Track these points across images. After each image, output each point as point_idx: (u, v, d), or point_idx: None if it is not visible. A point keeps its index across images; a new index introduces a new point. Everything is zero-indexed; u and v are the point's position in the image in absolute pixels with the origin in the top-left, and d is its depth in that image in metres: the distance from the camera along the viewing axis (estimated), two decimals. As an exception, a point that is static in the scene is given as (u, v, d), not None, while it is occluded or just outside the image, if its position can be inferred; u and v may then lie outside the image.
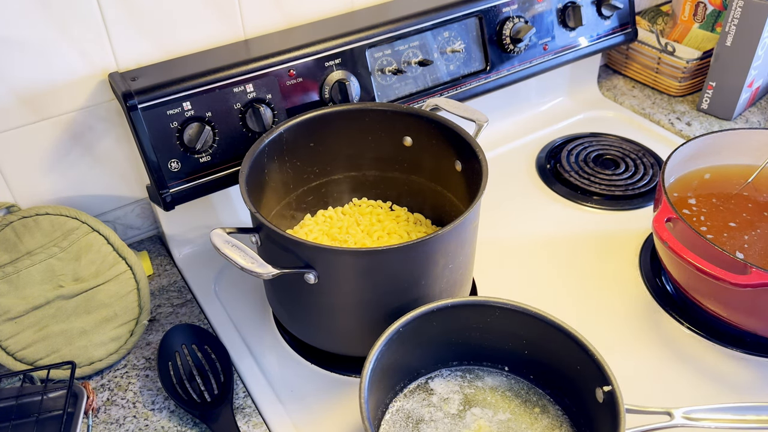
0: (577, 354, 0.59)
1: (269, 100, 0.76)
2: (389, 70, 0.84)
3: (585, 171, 0.98)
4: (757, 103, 1.13)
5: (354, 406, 0.68)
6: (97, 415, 0.68)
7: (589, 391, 0.58)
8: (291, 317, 0.71)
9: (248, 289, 0.81)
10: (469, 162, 0.70)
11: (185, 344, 0.72)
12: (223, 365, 0.71)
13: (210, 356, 0.72)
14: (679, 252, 0.66)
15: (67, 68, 0.72)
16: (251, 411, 0.68)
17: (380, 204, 0.84)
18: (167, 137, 0.72)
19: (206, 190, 0.76)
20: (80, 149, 0.78)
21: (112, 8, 0.72)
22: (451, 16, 0.86)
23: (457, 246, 0.65)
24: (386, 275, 0.63)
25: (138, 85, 0.70)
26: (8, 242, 0.69)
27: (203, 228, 0.87)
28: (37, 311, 0.69)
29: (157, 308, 0.80)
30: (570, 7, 0.97)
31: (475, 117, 0.74)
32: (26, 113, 0.72)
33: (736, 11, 0.98)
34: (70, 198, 0.80)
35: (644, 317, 0.77)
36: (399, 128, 0.77)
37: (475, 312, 0.64)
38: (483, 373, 0.67)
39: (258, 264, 0.59)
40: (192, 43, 0.78)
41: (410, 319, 0.61)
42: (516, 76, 0.95)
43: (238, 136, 0.76)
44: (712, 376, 0.70)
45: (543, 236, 0.88)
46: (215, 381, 0.69)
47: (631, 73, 1.20)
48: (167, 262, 0.87)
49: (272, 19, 0.83)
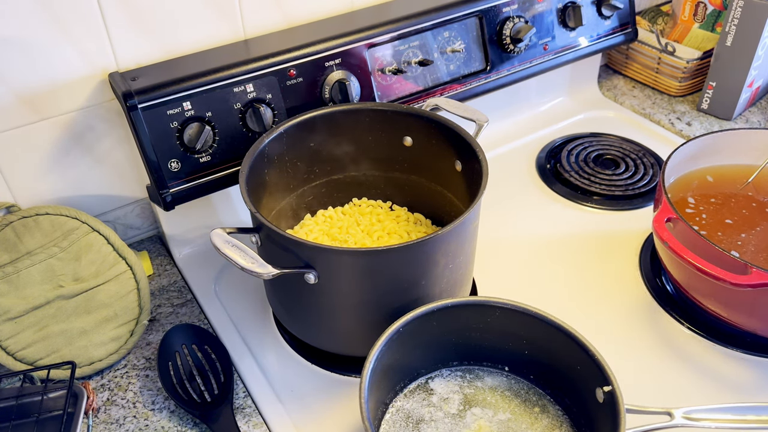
0: (578, 354, 0.59)
1: (269, 100, 0.76)
2: (389, 70, 0.84)
3: (585, 171, 0.98)
4: (757, 103, 1.13)
5: (354, 406, 0.68)
6: (97, 415, 0.68)
7: (590, 391, 0.58)
8: (291, 317, 0.71)
9: (248, 289, 0.81)
10: (470, 162, 0.70)
11: (185, 344, 0.72)
12: (223, 365, 0.71)
13: (210, 356, 0.72)
14: (679, 252, 0.66)
15: (67, 68, 0.72)
16: (251, 411, 0.68)
17: (380, 204, 0.84)
18: (167, 137, 0.72)
19: (206, 190, 0.76)
20: (80, 149, 0.78)
21: (112, 8, 0.72)
22: (451, 16, 0.86)
23: (457, 246, 0.65)
24: (386, 275, 0.63)
25: (138, 85, 0.70)
26: (8, 242, 0.69)
27: (203, 228, 0.87)
28: (37, 311, 0.69)
29: (157, 308, 0.80)
30: (570, 7, 0.97)
31: (475, 117, 0.74)
32: (26, 113, 0.72)
33: (736, 11, 0.98)
34: (70, 198, 0.80)
35: (644, 317, 0.77)
36: (399, 128, 0.77)
37: (475, 312, 0.64)
38: (483, 373, 0.67)
39: (258, 264, 0.59)
40: (192, 43, 0.78)
41: (410, 319, 0.61)
42: (516, 76, 0.95)
43: (238, 136, 0.76)
44: (712, 376, 0.70)
45: (543, 236, 0.88)
46: (215, 381, 0.69)
47: (631, 73, 1.20)
48: (167, 262, 0.87)
49: (272, 19, 0.83)
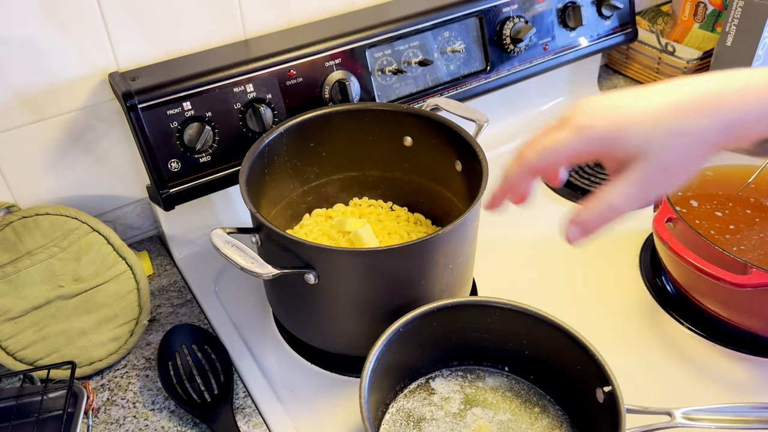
0: (578, 354, 0.59)
1: (269, 100, 0.76)
2: (389, 70, 0.84)
3: (585, 171, 0.98)
4: (757, 103, 1.13)
5: (354, 406, 0.68)
6: (97, 415, 0.68)
7: (590, 391, 0.58)
8: (291, 317, 0.71)
9: (248, 289, 0.81)
10: (470, 162, 0.70)
11: (185, 344, 0.72)
12: (222, 365, 0.71)
13: (210, 356, 0.72)
14: (679, 252, 0.66)
15: (67, 68, 0.72)
16: (251, 411, 0.68)
17: (380, 204, 0.84)
18: (167, 137, 0.72)
19: (206, 190, 0.76)
20: (80, 149, 0.78)
21: (112, 8, 0.72)
22: (452, 16, 0.86)
23: (457, 246, 0.65)
24: (386, 275, 0.63)
25: (138, 85, 0.70)
26: (8, 242, 0.69)
27: (203, 228, 0.87)
28: (37, 311, 0.69)
29: (157, 308, 0.80)
30: (570, 7, 0.97)
31: (475, 117, 0.74)
32: (26, 113, 0.72)
33: (736, 11, 0.98)
34: (70, 198, 0.80)
35: (644, 317, 0.76)
36: (399, 128, 0.77)
37: (475, 312, 0.64)
38: (483, 373, 0.67)
39: (258, 264, 0.59)
40: (192, 43, 0.78)
41: (410, 319, 0.61)
42: (516, 76, 0.95)
43: (238, 136, 0.76)
44: (712, 376, 0.70)
45: (543, 236, 0.88)
46: (215, 381, 0.69)
47: (631, 73, 1.20)
48: (167, 262, 0.87)
49: (272, 19, 0.83)
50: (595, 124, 0.44)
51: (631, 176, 0.44)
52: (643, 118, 0.43)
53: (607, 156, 0.45)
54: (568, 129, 0.45)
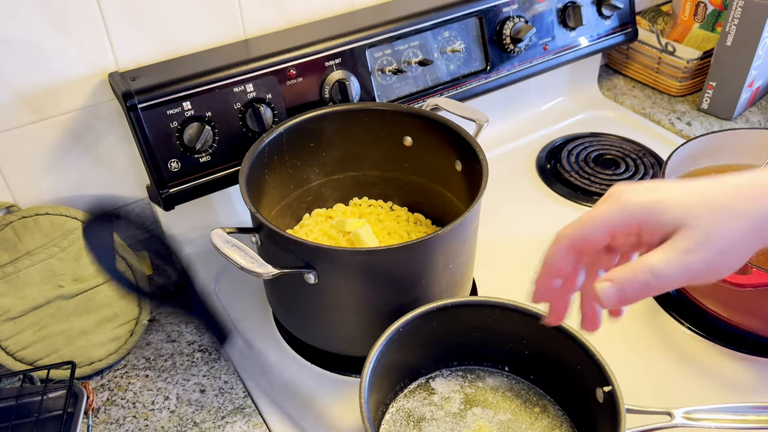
0: (578, 354, 0.59)
1: (269, 100, 0.76)
2: (389, 69, 0.84)
3: (585, 171, 0.98)
4: (757, 103, 1.13)
5: (354, 406, 0.68)
6: (97, 415, 0.68)
7: (590, 391, 0.58)
8: (291, 317, 0.71)
9: (248, 289, 0.81)
10: (470, 162, 0.70)
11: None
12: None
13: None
14: (679, 252, 0.65)
15: (67, 68, 0.72)
16: (251, 411, 0.68)
17: (380, 204, 0.84)
18: (167, 137, 0.72)
19: (206, 190, 0.76)
20: (80, 149, 0.78)
21: (112, 8, 0.71)
22: (451, 15, 0.86)
23: (457, 246, 0.65)
24: (386, 275, 0.63)
25: (138, 85, 0.70)
26: (8, 242, 0.69)
27: (203, 228, 0.86)
28: (36, 311, 0.69)
29: (157, 308, 0.80)
30: (570, 7, 0.97)
31: (475, 117, 0.74)
32: (26, 113, 0.72)
33: (736, 11, 0.98)
34: (70, 198, 0.80)
35: (644, 317, 0.76)
36: (399, 128, 0.77)
37: (475, 312, 0.64)
38: (483, 373, 0.67)
39: (258, 264, 0.59)
40: (192, 43, 0.78)
41: (410, 319, 0.61)
42: (516, 76, 0.95)
43: (238, 136, 0.76)
44: (712, 376, 0.70)
45: (543, 236, 0.87)
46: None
47: (631, 73, 1.20)
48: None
49: (272, 19, 0.83)
50: (637, 198, 0.44)
51: (672, 243, 0.42)
52: (686, 194, 0.43)
53: (648, 229, 0.44)
54: (609, 202, 0.44)
